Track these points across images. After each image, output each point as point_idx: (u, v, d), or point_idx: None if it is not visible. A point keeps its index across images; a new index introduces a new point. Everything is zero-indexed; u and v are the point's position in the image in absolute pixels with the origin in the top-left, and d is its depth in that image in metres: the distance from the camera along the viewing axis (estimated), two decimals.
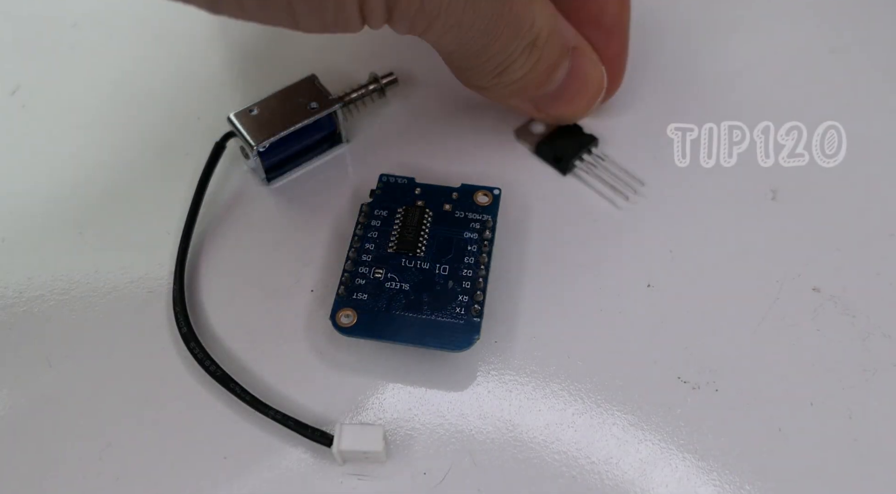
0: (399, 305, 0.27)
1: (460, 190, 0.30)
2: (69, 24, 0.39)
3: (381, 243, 0.28)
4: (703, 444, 0.26)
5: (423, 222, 0.29)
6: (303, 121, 0.31)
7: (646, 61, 0.36)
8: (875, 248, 0.30)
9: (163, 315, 0.29)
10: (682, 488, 0.25)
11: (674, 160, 0.33)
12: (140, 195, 0.32)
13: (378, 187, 0.30)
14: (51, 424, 0.27)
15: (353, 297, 0.27)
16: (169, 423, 0.27)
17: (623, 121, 0.34)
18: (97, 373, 0.28)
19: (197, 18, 0.40)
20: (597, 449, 0.26)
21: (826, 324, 0.28)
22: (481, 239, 0.28)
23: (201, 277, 0.30)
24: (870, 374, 0.27)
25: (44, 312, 0.29)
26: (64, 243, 0.31)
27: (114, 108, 0.36)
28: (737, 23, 0.38)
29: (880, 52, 0.37)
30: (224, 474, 0.26)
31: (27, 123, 0.35)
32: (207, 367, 0.26)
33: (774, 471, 0.25)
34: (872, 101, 0.35)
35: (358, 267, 0.28)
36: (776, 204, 0.32)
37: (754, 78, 0.36)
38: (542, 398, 0.27)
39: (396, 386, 0.27)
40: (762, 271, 0.30)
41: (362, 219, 0.29)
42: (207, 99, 0.36)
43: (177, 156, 0.33)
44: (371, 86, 0.34)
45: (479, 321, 0.26)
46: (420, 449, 0.26)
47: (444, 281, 0.27)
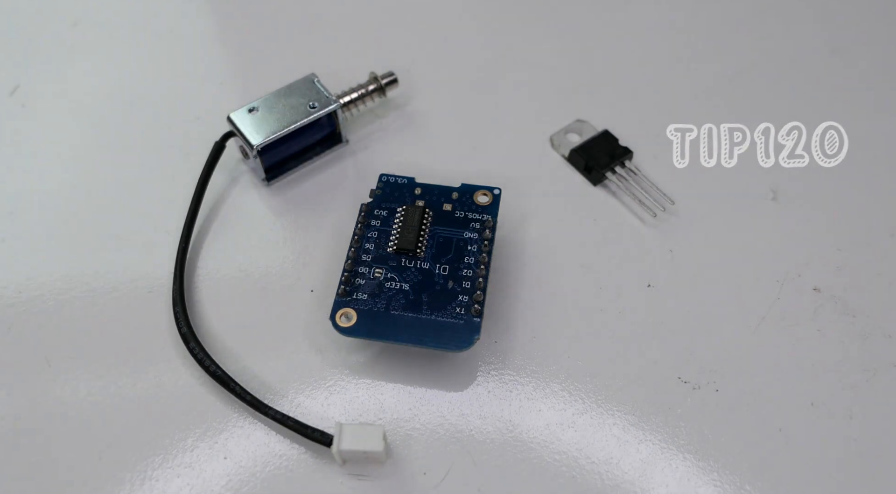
0: (399, 305, 0.27)
1: (460, 190, 0.30)
2: (69, 24, 0.39)
3: (381, 242, 0.28)
4: (703, 444, 0.26)
5: (423, 221, 0.29)
6: (302, 121, 0.31)
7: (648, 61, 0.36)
8: (875, 248, 0.30)
9: (163, 315, 0.29)
10: (682, 488, 0.25)
11: (672, 161, 0.33)
12: (140, 195, 0.32)
13: (378, 187, 0.30)
14: (51, 424, 0.27)
15: (352, 297, 0.27)
16: (169, 423, 0.27)
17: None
18: (97, 373, 0.28)
19: (197, 18, 0.40)
20: (597, 449, 0.26)
21: (826, 324, 0.28)
22: (481, 239, 0.28)
23: (201, 277, 0.30)
24: (870, 374, 0.27)
25: (44, 312, 0.29)
26: (64, 243, 0.31)
27: (113, 107, 0.36)
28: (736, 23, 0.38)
29: (880, 52, 0.37)
30: (224, 474, 0.26)
31: (27, 123, 0.35)
32: (207, 367, 0.26)
33: (774, 471, 0.25)
34: (872, 101, 0.35)
35: (358, 267, 0.28)
36: (776, 204, 0.32)
37: (754, 78, 0.36)
38: (542, 398, 0.27)
39: (396, 386, 0.27)
40: (762, 271, 0.30)
41: (362, 219, 0.29)
42: (207, 99, 0.36)
43: (177, 156, 0.33)
44: (371, 86, 0.34)
45: (479, 321, 0.26)
46: (420, 449, 0.26)
47: (444, 281, 0.27)
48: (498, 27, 0.39)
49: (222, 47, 0.39)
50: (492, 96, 0.36)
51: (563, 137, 0.34)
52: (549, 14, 0.39)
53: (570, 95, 0.36)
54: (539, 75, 0.36)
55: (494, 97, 0.36)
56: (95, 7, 0.40)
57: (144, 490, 0.25)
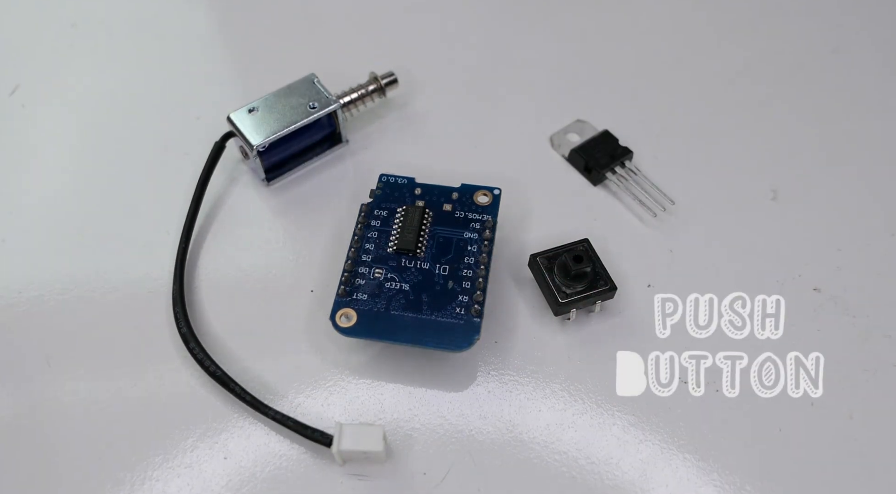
0: (399, 305, 0.27)
1: (460, 190, 0.30)
2: (69, 24, 0.39)
3: (381, 243, 0.28)
4: (703, 444, 0.26)
5: (423, 222, 0.29)
6: (302, 121, 0.31)
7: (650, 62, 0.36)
8: (875, 248, 0.30)
9: (163, 315, 0.29)
10: (682, 488, 0.25)
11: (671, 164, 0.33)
12: (140, 195, 0.32)
13: (378, 187, 0.30)
14: (51, 424, 0.27)
15: (353, 297, 0.27)
16: (169, 423, 0.27)
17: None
18: (97, 373, 0.28)
19: (197, 19, 0.40)
20: (597, 449, 0.26)
21: (826, 324, 0.28)
22: (481, 239, 0.28)
23: (201, 277, 0.30)
24: (870, 374, 0.27)
25: (44, 312, 0.29)
26: (64, 243, 0.31)
27: (114, 107, 0.36)
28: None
29: (880, 52, 0.37)
30: (224, 474, 0.26)
31: (27, 123, 0.35)
32: (207, 367, 0.26)
33: (774, 471, 0.25)
34: (872, 100, 0.35)
35: (358, 267, 0.28)
36: (776, 204, 0.32)
37: (754, 78, 0.36)
38: (542, 398, 0.27)
39: (396, 386, 0.27)
40: (762, 271, 0.30)
41: (362, 219, 0.29)
42: (207, 99, 0.35)
43: (177, 156, 0.33)
44: (371, 86, 0.33)
45: (479, 321, 0.26)
46: (420, 449, 0.26)
47: (444, 281, 0.27)
48: (498, 27, 0.39)
49: (222, 47, 0.39)
50: (492, 96, 0.36)
51: (563, 137, 0.34)
52: (549, 14, 0.39)
53: (570, 95, 0.36)
54: (539, 75, 0.36)
55: (494, 97, 0.36)
56: (95, 8, 0.40)
57: (144, 490, 0.25)
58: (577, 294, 0.27)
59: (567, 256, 0.28)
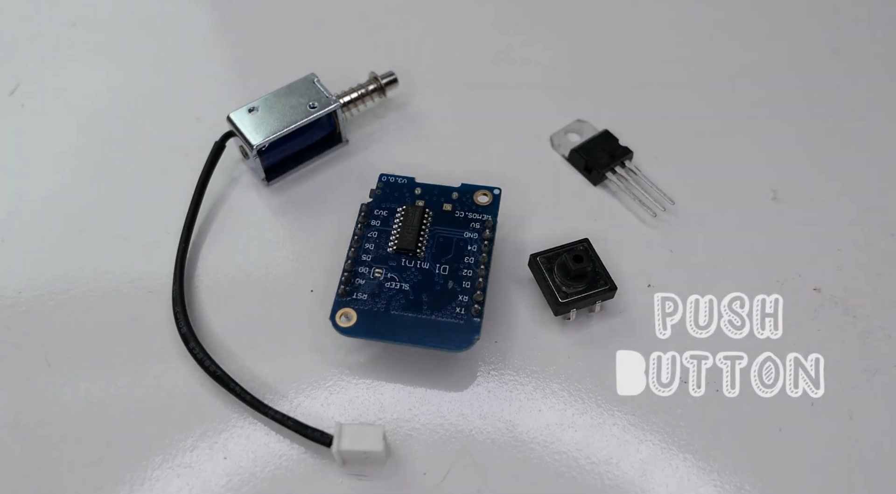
0: (399, 305, 0.27)
1: (460, 190, 0.30)
2: (69, 24, 0.39)
3: (381, 242, 0.28)
4: (703, 444, 0.26)
5: (423, 221, 0.29)
6: (302, 121, 0.31)
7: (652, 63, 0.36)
8: (875, 248, 0.30)
9: (163, 315, 0.29)
10: (683, 488, 0.25)
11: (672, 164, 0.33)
12: (140, 195, 0.32)
13: (378, 187, 0.30)
14: (51, 424, 0.27)
15: (353, 297, 0.27)
16: (169, 423, 0.27)
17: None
18: (97, 373, 0.28)
19: (197, 18, 0.40)
20: (597, 449, 0.26)
21: (826, 324, 0.28)
22: (481, 239, 0.28)
23: (201, 277, 0.30)
24: (870, 374, 0.27)
25: (44, 312, 0.29)
26: (64, 243, 0.31)
27: (113, 107, 0.36)
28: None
29: (880, 52, 0.37)
30: (224, 474, 0.26)
31: (27, 122, 0.35)
32: (207, 367, 0.26)
33: (774, 471, 0.25)
34: (872, 100, 0.35)
35: (358, 267, 0.28)
36: (776, 204, 0.32)
37: (754, 78, 0.36)
38: (542, 398, 0.27)
39: (396, 386, 0.27)
40: (762, 271, 0.30)
41: (362, 219, 0.29)
42: (207, 99, 0.35)
43: (177, 156, 0.33)
44: (371, 86, 0.33)
45: (479, 321, 0.26)
46: (420, 449, 0.26)
47: (444, 281, 0.27)
48: (498, 27, 0.39)
49: (222, 47, 0.39)
50: (492, 96, 0.36)
51: (563, 137, 0.34)
52: (549, 14, 0.39)
53: (570, 95, 0.36)
54: (539, 75, 0.36)
55: (494, 97, 0.36)
56: (95, 7, 0.40)
57: (144, 490, 0.25)
58: (577, 294, 0.27)
59: (567, 256, 0.28)
